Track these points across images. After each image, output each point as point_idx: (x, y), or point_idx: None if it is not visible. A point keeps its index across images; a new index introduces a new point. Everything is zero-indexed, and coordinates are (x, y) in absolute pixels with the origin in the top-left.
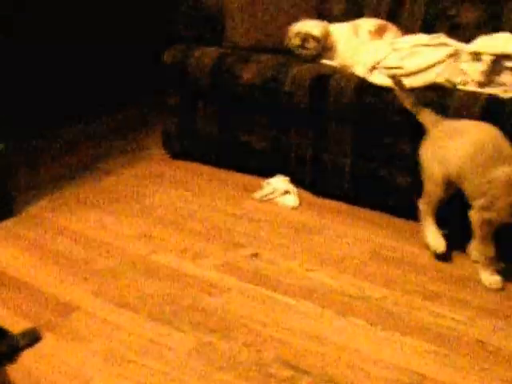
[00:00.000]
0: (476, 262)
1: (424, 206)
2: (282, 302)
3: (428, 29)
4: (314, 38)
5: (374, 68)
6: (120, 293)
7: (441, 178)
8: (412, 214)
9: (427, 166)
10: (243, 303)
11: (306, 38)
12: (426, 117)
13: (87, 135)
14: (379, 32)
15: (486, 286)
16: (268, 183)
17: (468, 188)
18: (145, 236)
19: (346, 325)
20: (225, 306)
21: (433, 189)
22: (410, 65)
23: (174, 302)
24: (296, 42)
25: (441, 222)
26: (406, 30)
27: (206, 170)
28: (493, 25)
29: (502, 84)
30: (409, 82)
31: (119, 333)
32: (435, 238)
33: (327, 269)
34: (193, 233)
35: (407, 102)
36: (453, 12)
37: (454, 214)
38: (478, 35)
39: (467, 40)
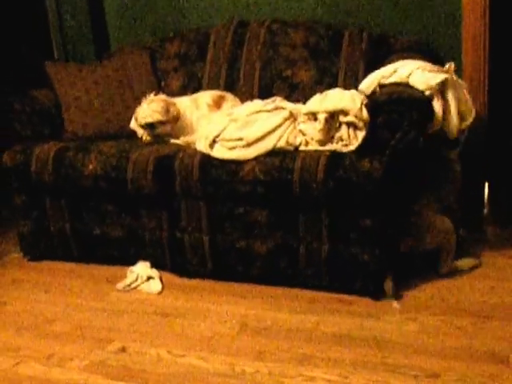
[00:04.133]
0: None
1: None
2: None
3: (266, 92)
4: (161, 122)
5: (214, 142)
6: None
7: None
8: (275, 280)
9: None
10: None
11: (153, 125)
12: None
13: None
14: (217, 104)
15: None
16: (131, 271)
17: None
18: (8, 348)
19: None
20: None
21: None
22: (249, 134)
23: None
24: (146, 134)
25: None
26: (245, 96)
27: (67, 267)
28: (327, 81)
29: (342, 139)
30: (251, 152)
31: None
32: None
33: (196, 351)
34: (58, 336)
35: None
36: (288, 73)
37: None
38: (316, 92)
39: (307, 98)
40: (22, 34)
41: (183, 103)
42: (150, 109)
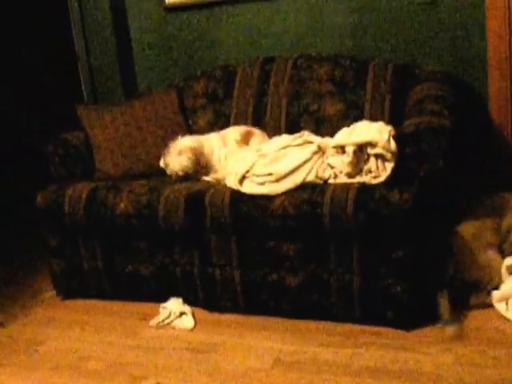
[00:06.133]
0: None
1: None
2: None
3: (293, 127)
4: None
5: (244, 178)
6: None
7: None
8: (307, 314)
9: None
10: None
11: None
12: None
13: None
14: (245, 139)
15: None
16: (164, 308)
17: None
18: None
19: None
20: None
21: None
22: (279, 169)
23: None
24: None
25: None
26: (272, 131)
27: (100, 305)
28: (354, 114)
29: (370, 171)
30: (280, 187)
31: None
32: None
33: None
34: (93, 373)
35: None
36: (315, 107)
37: None
38: (343, 126)
39: (334, 132)
40: (52, 76)
41: (211, 140)
42: (179, 162)
